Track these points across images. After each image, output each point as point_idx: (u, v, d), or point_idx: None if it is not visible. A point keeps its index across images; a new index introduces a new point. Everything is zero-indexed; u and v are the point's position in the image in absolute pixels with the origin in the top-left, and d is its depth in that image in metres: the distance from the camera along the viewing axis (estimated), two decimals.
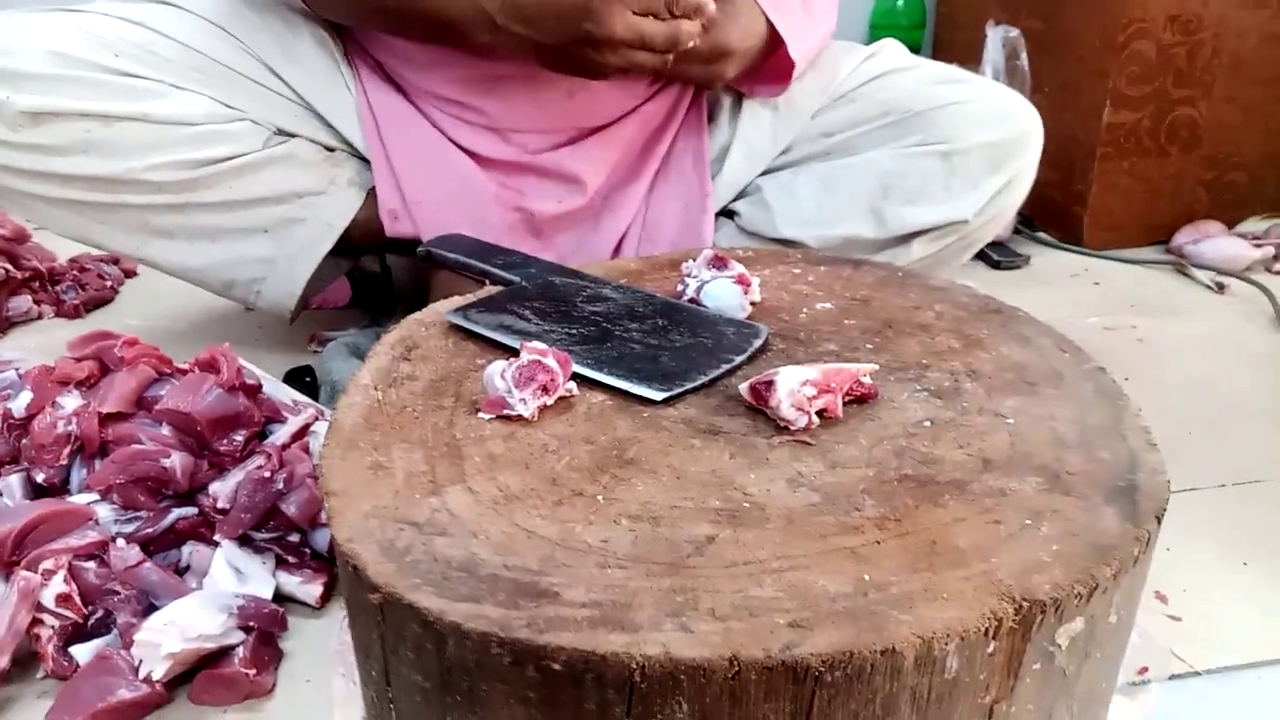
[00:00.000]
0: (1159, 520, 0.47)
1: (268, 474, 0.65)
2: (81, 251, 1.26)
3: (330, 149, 0.93)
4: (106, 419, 0.65)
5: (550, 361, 0.56)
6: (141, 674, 0.57)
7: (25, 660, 0.61)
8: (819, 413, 0.54)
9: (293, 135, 0.91)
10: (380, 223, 0.91)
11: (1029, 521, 0.46)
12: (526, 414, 0.55)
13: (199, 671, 0.59)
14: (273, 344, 1.03)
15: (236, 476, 0.66)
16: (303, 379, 0.92)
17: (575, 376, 0.58)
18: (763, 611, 0.41)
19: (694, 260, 0.71)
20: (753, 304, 0.69)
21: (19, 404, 0.67)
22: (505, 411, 0.55)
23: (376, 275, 1.08)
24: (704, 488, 0.49)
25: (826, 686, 0.39)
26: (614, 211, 0.93)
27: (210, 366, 0.69)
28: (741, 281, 0.68)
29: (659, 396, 0.56)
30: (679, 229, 0.94)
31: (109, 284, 1.19)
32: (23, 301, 1.12)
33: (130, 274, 1.24)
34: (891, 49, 0.99)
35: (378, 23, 0.87)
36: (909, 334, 0.65)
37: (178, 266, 0.90)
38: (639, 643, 0.39)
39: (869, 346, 0.63)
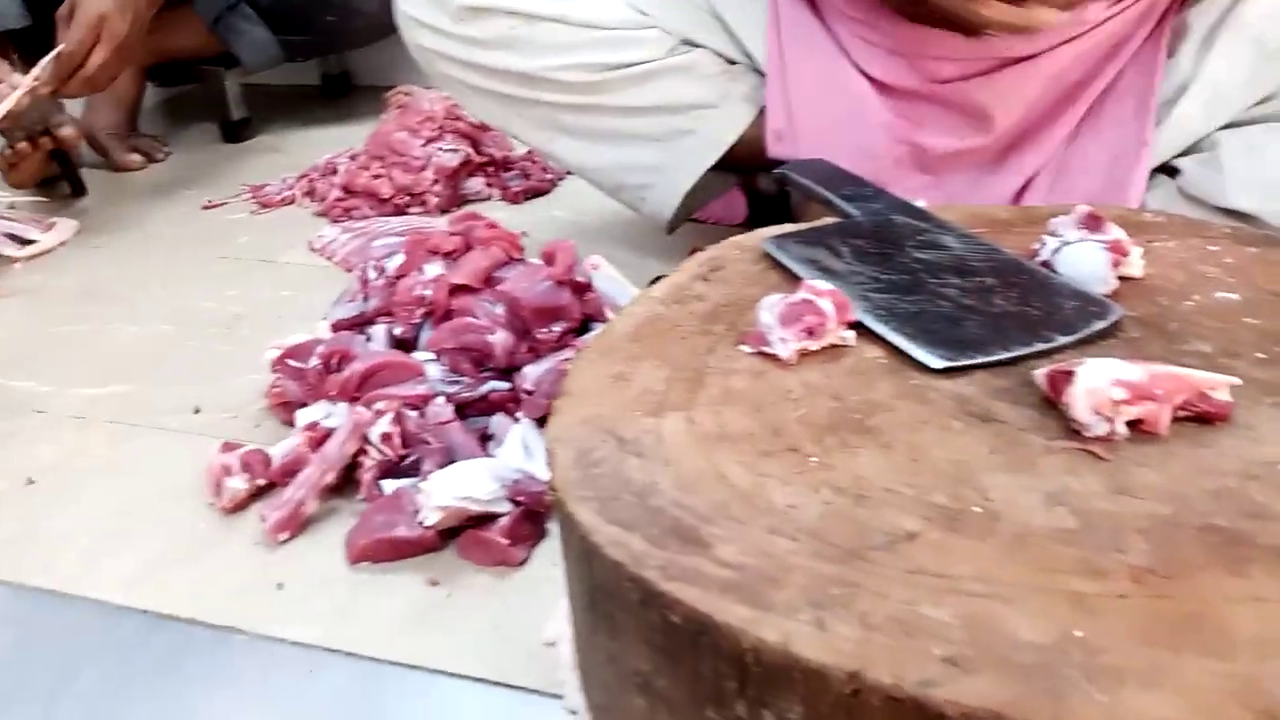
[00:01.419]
0: None
1: None
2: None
3: (732, 61, 0.92)
4: (455, 289, 0.72)
5: (825, 304, 0.50)
6: (419, 518, 0.63)
7: (349, 484, 0.70)
8: (1131, 423, 0.43)
9: (697, 45, 0.91)
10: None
11: None
12: (784, 355, 0.50)
13: (466, 529, 0.64)
14: (660, 251, 1.06)
15: (547, 363, 0.70)
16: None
17: (857, 325, 0.52)
18: (922, 634, 0.33)
19: (1064, 215, 0.59)
20: (1125, 279, 0.56)
21: (392, 264, 0.77)
22: (764, 348, 0.51)
23: (773, 196, 1.06)
24: (937, 477, 0.41)
25: None
26: (1022, 154, 0.80)
27: (550, 259, 0.73)
28: (1115, 250, 0.56)
29: (936, 364, 0.48)
30: (1102, 183, 0.79)
31: (550, 178, 1.31)
32: (476, 183, 1.28)
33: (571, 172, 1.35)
34: None
35: None
36: None
37: (577, 164, 0.96)
38: (762, 623, 0.35)
39: (1259, 356, 0.48)
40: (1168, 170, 0.81)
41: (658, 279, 1.01)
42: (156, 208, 1.40)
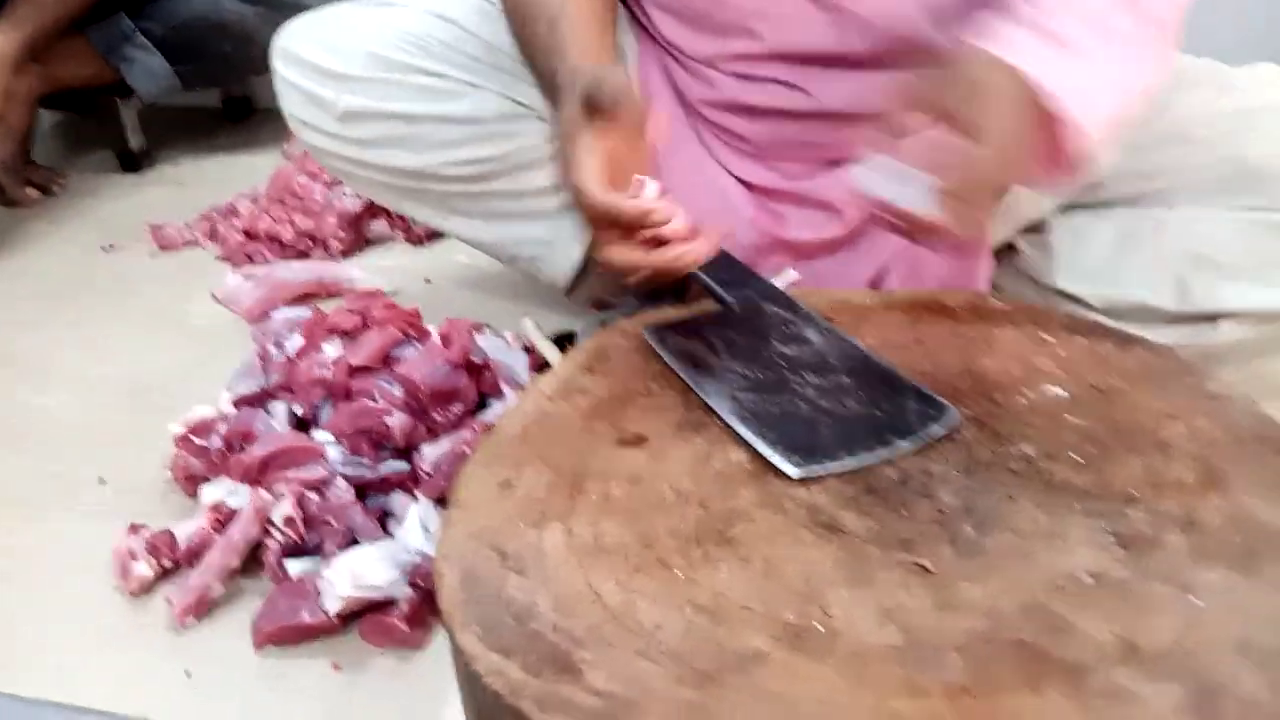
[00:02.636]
0: None
1: (469, 450, 0.71)
2: None
3: None
4: (354, 370, 0.74)
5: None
6: (322, 604, 0.66)
7: (254, 563, 0.73)
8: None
9: None
10: None
11: None
12: None
13: (367, 613, 0.67)
14: (562, 301, 1.10)
15: (445, 444, 0.73)
16: (565, 342, 0.98)
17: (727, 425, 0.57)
18: None
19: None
20: (970, 372, 0.61)
21: (292, 344, 0.79)
22: None
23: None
24: (787, 593, 0.46)
25: None
26: (876, 241, 0.86)
27: (446, 341, 0.76)
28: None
29: (794, 474, 0.53)
30: (951, 268, 0.85)
31: None
32: (380, 225, 1.29)
33: None
34: (1272, 79, 0.80)
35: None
36: (1136, 451, 0.54)
37: (471, 239, 0.99)
38: None
39: (1076, 460, 0.54)
40: (1013, 247, 0.87)
41: (565, 334, 1.05)
42: (55, 252, 1.38)
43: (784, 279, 0.91)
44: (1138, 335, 0.66)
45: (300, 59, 0.93)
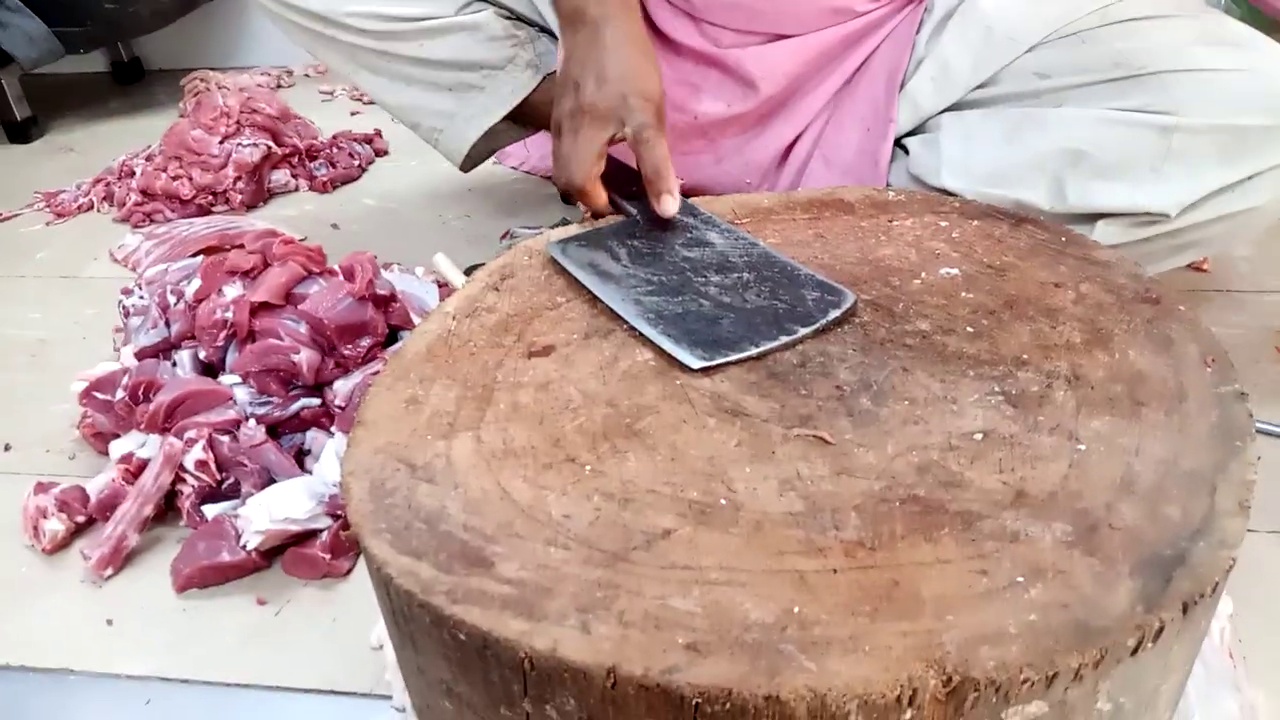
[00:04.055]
0: (1190, 607, 0.39)
1: None
2: (341, 129, 1.38)
3: (529, 22, 0.96)
4: (256, 309, 0.73)
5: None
6: (242, 542, 0.65)
7: (171, 512, 0.72)
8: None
9: (491, 3, 0.95)
10: None
11: (1020, 579, 0.40)
12: None
13: (289, 548, 0.66)
14: (475, 237, 1.09)
15: (357, 377, 0.72)
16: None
17: (631, 328, 0.57)
18: (669, 626, 0.39)
19: None
20: (869, 260, 0.63)
21: (190, 288, 0.77)
22: None
23: None
24: (692, 475, 0.47)
25: (708, 717, 0.37)
26: (787, 119, 0.87)
27: (350, 274, 0.75)
28: None
29: (695, 365, 0.53)
30: (856, 152, 0.86)
31: (357, 163, 1.31)
32: (282, 175, 1.26)
33: (381, 153, 1.35)
34: None
35: None
36: (1027, 319, 0.56)
37: (378, 99, 1.01)
38: (534, 634, 0.39)
39: (969, 330, 0.56)
40: (903, 148, 0.89)
41: (474, 268, 1.05)
42: None
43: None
44: (1030, 216, 0.68)
45: None
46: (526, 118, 1.01)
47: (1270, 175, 0.75)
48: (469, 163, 1.04)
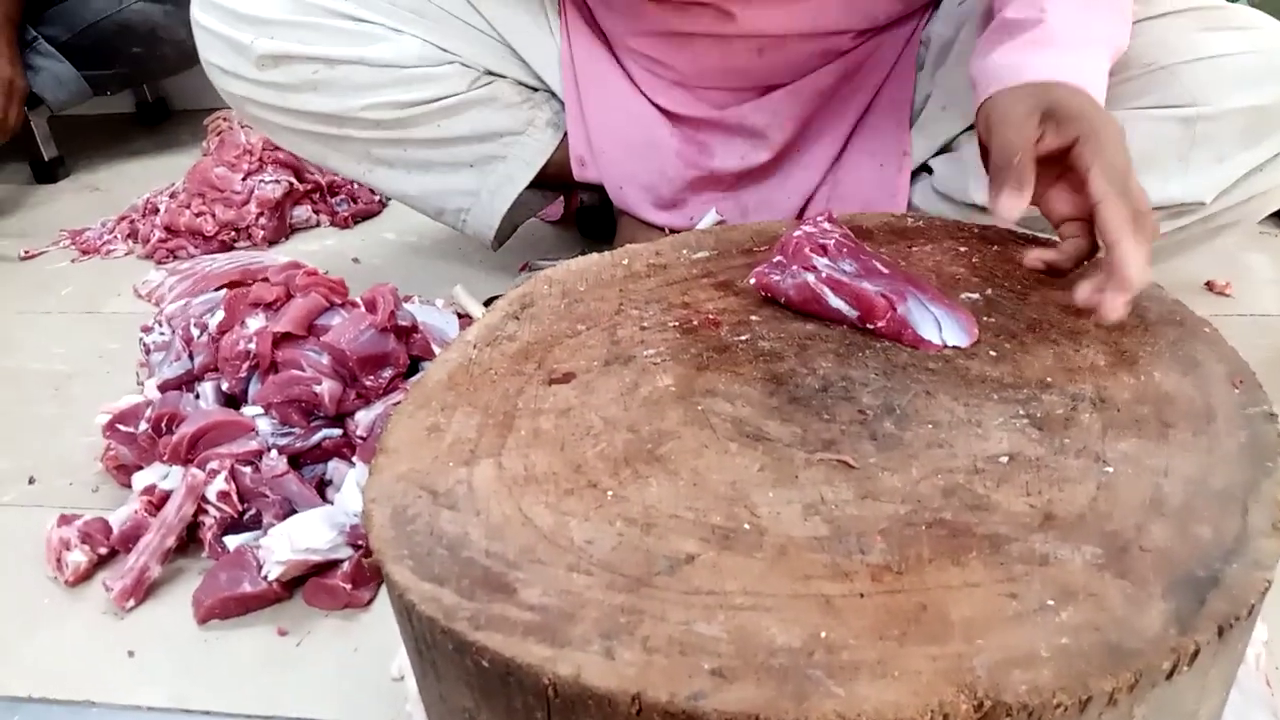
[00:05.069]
0: (1225, 630, 0.38)
1: None
2: None
3: (534, 89, 0.96)
4: (279, 340, 0.73)
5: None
6: (263, 573, 0.65)
7: (193, 543, 0.72)
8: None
9: (500, 76, 0.94)
10: None
11: (1051, 602, 0.39)
12: None
13: (310, 578, 0.66)
14: (493, 269, 1.09)
15: (379, 408, 0.73)
16: None
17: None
18: (694, 651, 0.39)
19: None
20: None
21: (214, 321, 0.78)
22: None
23: (595, 207, 1.11)
24: (715, 500, 0.47)
25: None
26: (803, 168, 0.87)
27: (372, 306, 0.75)
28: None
29: None
30: (873, 187, 0.86)
31: (379, 200, 1.32)
32: (303, 211, 1.28)
33: None
34: None
35: None
36: (1050, 342, 0.56)
37: (396, 192, 0.98)
38: (557, 660, 0.39)
39: (991, 354, 0.55)
40: (926, 168, 0.89)
41: (493, 299, 1.05)
42: None
43: (708, 220, 0.92)
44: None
45: (217, 4, 0.91)
46: (549, 180, 1.00)
47: None
48: (498, 240, 1.02)
